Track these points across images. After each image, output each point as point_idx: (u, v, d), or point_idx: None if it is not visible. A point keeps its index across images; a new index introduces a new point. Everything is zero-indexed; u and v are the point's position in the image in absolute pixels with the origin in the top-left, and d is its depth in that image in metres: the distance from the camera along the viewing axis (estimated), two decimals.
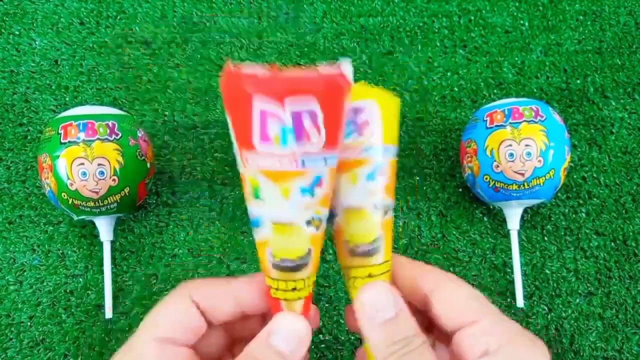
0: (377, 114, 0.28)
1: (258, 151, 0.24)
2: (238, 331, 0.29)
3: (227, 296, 0.27)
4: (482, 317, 0.25)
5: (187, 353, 0.25)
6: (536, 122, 0.42)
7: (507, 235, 0.47)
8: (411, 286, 0.28)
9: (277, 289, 0.26)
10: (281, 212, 0.25)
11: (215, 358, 0.29)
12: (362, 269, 0.28)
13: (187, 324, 0.26)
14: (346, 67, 0.23)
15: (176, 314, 0.26)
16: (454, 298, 0.27)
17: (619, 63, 0.52)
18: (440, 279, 0.27)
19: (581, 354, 0.45)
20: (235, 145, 0.25)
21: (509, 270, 0.47)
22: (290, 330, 0.25)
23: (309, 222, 0.26)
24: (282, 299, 0.26)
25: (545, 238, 0.48)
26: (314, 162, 0.24)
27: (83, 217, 0.43)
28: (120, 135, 0.42)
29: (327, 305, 0.46)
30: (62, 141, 0.41)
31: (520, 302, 0.45)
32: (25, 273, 0.46)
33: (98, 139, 0.41)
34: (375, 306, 0.26)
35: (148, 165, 0.44)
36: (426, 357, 0.25)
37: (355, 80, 0.27)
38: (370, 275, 0.27)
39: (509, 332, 0.25)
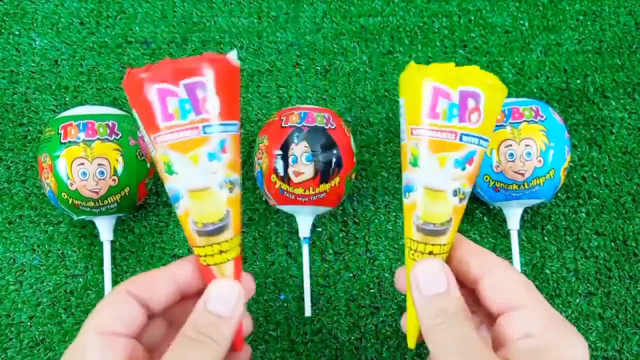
0: (484, 102, 0.29)
1: (163, 128, 0.28)
2: (178, 317, 0.30)
3: (163, 280, 0.29)
4: (528, 303, 0.27)
5: (129, 343, 0.27)
6: (536, 122, 0.42)
7: (507, 235, 0.47)
8: (465, 265, 0.30)
9: (205, 256, 0.29)
10: (194, 179, 0.29)
11: (159, 346, 0.30)
12: (425, 246, 0.31)
13: (126, 316, 0.27)
14: (231, 55, 0.29)
15: (115, 308, 0.27)
16: (505, 282, 0.28)
17: (619, 63, 0.52)
18: (494, 263, 0.29)
19: None
20: (145, 136, 0.29)
21: None
22: (224, 293, 0.27)
23: (221, 185, 0.29)
24: (213, 265, 0.29)
25: (545, 238, 0.48)
26: (214, 130, 0.28)
27: (83, 217, 0.43)
28: (120, 135, 0.42)
29: (327, 305, 0.46)
30: (62, 141, 0.41)
31: None
32: (25, 273, 0.46)
33: (98, 139, 0.41)
34: (429, 280, 0.28)
35: (148, 165, 0.44)
36: (469, 333, 0.26)
37: (364, 80, 0.52)
38: (431, 253, 0.30)
39: (552, 319, 0.26)
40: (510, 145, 0.42)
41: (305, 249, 0.44)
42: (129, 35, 0.53)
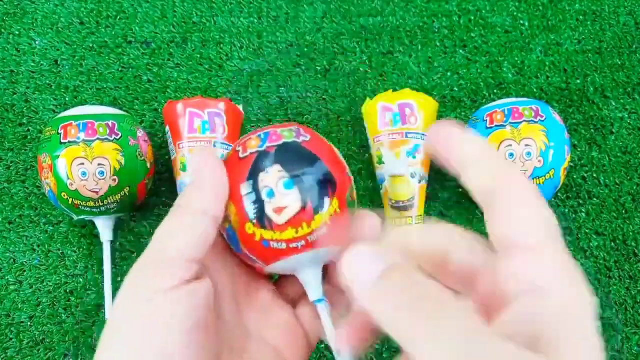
0: (417, 109, 0.44)
1: (187, 138, 0.43)
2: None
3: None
4: (545, 246, 0.19)
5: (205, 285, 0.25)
6: (536, 122, 0.42)
7: None
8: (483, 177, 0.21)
9: None
10: None
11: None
12: (400, 219, 0.44)
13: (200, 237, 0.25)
14: (239, 106, 0.46)
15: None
16: (524, 212, 0.20)
17: (619, 63, 0.52)
18: (518, 182, 0.20)
19: None
20: (172, 146, 0.45)
21: None
22: (194, 160, 0.26)
23: None
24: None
25: None
26: (219, 145, 0.43)
27: (83, 217, 0.43)
28: (120, 135, 0.42)
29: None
30: (62, 141, 0.41)
31: None
32: (25, 273, 0.46)
33: (98, 139, 0.41)
34: (360, 266, 0.20)
35: (148, 165, 0.44)
36: (448, 302, 0.18)
37: (364, 80, 0.53)
38: (406, 224, 0.36)
39: (569, 271, 0.19)
40: (510, 145, 0.42)
41: (322, 312, 0.29)
42: (129, 35, 0.53)
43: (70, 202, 0.41)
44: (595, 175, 0.49)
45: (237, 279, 0.29)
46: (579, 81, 0.52)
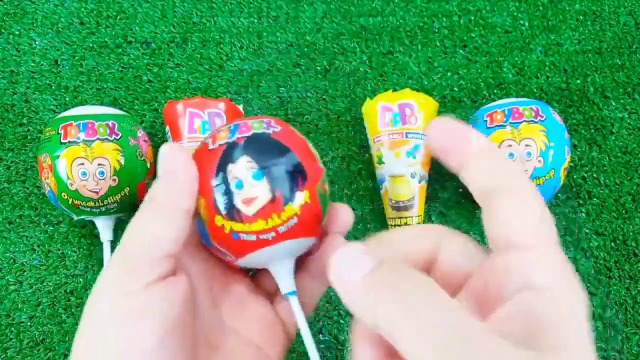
0: (417, 109, 0.44)
1: (187, 138, 0.44)
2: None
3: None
4: (542, 246, 0.19)
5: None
6: (536, 122, 0.42)
7: None
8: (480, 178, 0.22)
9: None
10: None
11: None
12: (400, 219, 0.44)
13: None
14: (239, 106, 0.46)
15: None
16: (523, 211, 0.20)
17: (619, 63, 0.52)
18: (517, 181, 0.21)
19: None
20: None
21: None
22: (163, 153, 0.25)
23: None
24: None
25: None
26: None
27: (83, 217, 0.43)
28: (120, 135, 0.42)
29: (327, 305, 0.46)
30: (62, 141, 0.41)
31: None
32: (25, 273, 0.46)
33: (98, 139, 0.41)
34: (348, 264, 0.19)
35: (148, 165, 0.44)
36: (438, 296, 0.18)
37: (364, 80, 0.52)
38: (406, 224, 0.38)
39: (565, 271, 0.19)
40: (510, 145, 0.42)
41: (295, 304, 0.29)
42: (129, 35, 0.53)
43: (70, 202, 0.41)
44: (595, 175, 0.49)
45: (212, 273, 0.28)
46: (579, 81, 0.52)
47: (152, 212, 0.24)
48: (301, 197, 0.26)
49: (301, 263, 0.30)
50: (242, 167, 0.26)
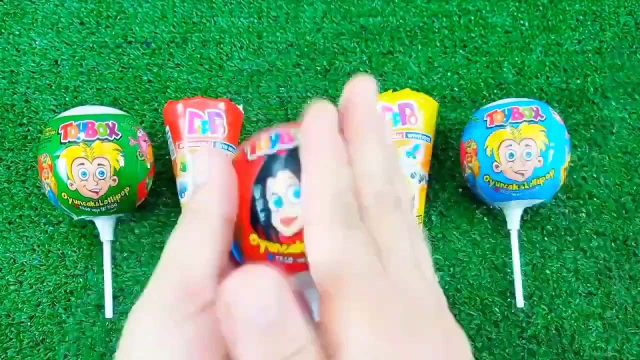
0: (417, 109, 0.44)
1: (187, 138, 0.44)
2: None
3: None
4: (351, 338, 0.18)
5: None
6: (536, 122, 0.42)
7: (507, 235, 0.47)
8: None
9: None
10: None
11: None
12: None
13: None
14: (239, 106, 0.47)
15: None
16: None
17: (619, 63, 0.52)
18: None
19: (581, 354, 0.45)
20: (172, 146, 0.45)
21: (509, 270, 0.47)
22: (197, 162, 0.23)
23: None
24: None
25: (545, 238, 0.48)
26: (219, 145, 0.44)
27: (83, 217, 0.43)
28: (120, 135, 0.42)
29: None
30: (62, 141, 0.41)
31: (520, 302, 0.45)
32: (25, 273, 0.46)
33: (98, 139, 0.41)
34: (250, 304, 0.17)
35: (148, 165, 0.44)
36: None
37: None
38: None
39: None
40: (510, 145, 0.42)
41: None
42: (129, 35, 0.53)
43: (70, 202, 0.41)
44: (595, 175, 0.49)
45: None
46: (579, 81, 0.52)
47: (197, 224, 0.22)
48: None
49: None
50: (283, 183, 0.23)
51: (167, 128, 0.45)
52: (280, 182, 0.23)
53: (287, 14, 0.54)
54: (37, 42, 0.53)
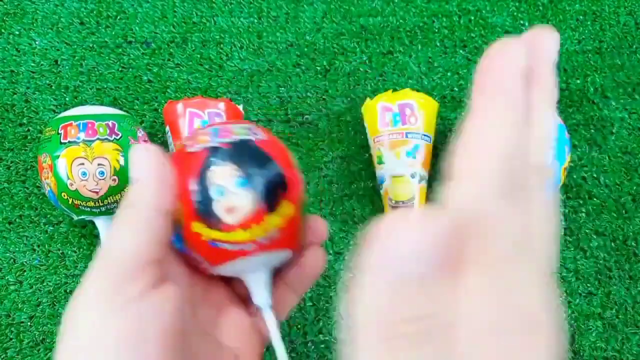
0: (417, 109, 0.44)
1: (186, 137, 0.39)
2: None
3: None
4: None
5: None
6: None
7: None
8: None
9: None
10: None
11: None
12: None
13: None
14: (239, 106, 0.46)
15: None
16: None
17: (619, 63, 0.52)
18: None
19: (581, 354, 0.45)
20: (172, 145, 0.45)
21: None
22: (136, 157, 0.24)
23: None
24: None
25: None
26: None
27: (83, 217, 0.43)
28: (120, 135, 0.42)
29: (327, 305, 0.46)
30: (62, 141, 0.41)
31: None
32: (25, 273, 0.46)
33: (98, 139, 0.41)
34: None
35: None
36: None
37: (364, 80, 0.52)
38: None
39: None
40: None
41: (268, 317, 0.28)
42: (129, 35, 0.53)
43: (70, 202, 0.41)
44: (595, 175, 0.49)
45: (192, 279, 0.27)
46: (579, 81, 0.52)
47: (133, 216, 0.23)
48: (283, 208, 0.25)
49: (277, 272, 0.29)
50: (226, 174, 0.24)
51: (167, 128, 0.45)
52: (223, 173, 0.24)
53: (287, 14, 0.54)
54: (37, 42, 0.53)
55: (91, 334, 0.21)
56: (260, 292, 0.27)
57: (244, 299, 0.30)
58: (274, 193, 0.25)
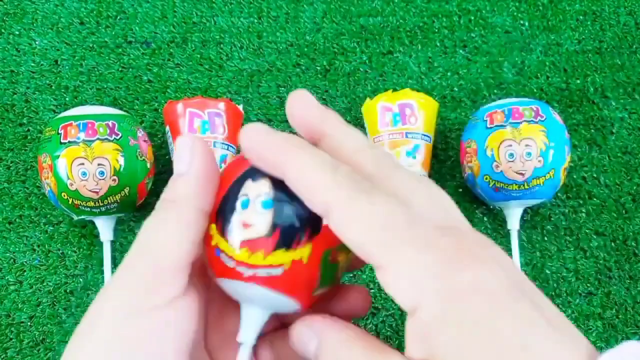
0: (417, 109, 0.44)
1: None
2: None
3: None
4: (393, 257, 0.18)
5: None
6: (536, 122, 0.42)
7: (507, 235, 0.47)
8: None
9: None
10: None
11: None
12: None
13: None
14: (239, 106, 0.46)
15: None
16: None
17: (619, 63, 0.52)
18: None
19: None
20: (172, 145, 0.46)
21: None
22: (179, 149, 0.22)
23: None
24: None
25: (545, 238, 0.48)
26: (219, 145, 0.44)
27: (83, 217, 0.43)
28: (120, 135, 0.42)
29: None
30: (62, 141, 0.41)
31: None
32: (25, 273, 0.46)
33: (98, 139, 0.41)
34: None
35: (148, 165, 0.44)
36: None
37: (364, 80, 0.52)
38: None
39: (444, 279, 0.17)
40: (510, 145, 0.42)
41: (241, 356, 0.25)
42: (129, 35, 0.53)
43: (70, 202, 0.41)
44: (595, 175, 0.49)
45: (212, 298, 0.25)
46: (579, 81, 0.52)
47: (174, 214, 0.21)
48: (299, 250, 0.22)
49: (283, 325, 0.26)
50: (257, 188, 0.23)
51: (167, 128, 0.45)
52: (255, 187, 0.23)
53: (287, 14, 0.54)
54: (37, 42, 0.53)
55: (102, 338, 0.19)
56: (246, 327, 0.24)
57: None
58: (297, 228, 0.22)
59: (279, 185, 0.22)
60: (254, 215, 0.22)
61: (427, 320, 0.17)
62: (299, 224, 0.22)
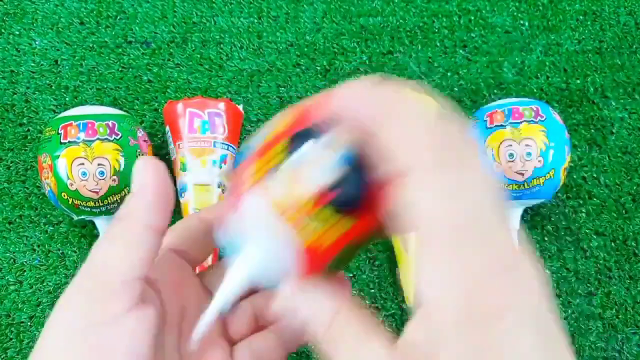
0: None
1: (187, 138, 0.44)
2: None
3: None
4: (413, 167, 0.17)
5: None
6: (536, 122, 0.42)
7: None
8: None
9: None
10: (200, 176, 0.44)
11: None
12: None
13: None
14: (239, 106, 0.47)
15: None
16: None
17: (619, 63, 0.52)
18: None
19: (581, 354, 0.45)
20: (172, 145, 0.45)
21: None
22: (136, 168, 0.23)
23: (218, 185, 0.44)
24: None
25: (545, 238, 0.48)
26: (219, 145, 0.44)
27: (83, 217, 0.43)
28: (120, 135, 0.42)
29: None
30: (62, 141, 0.41)
31: None
32: (25, 273, 0.46)
33: (98, 139, 0.41)
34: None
35: None
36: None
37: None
38: None
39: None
40: (510, 145, 0.42)
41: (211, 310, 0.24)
42: (129, 35, 0.53)
43: (70, 202, 0.41)
44: (595, 175, 0.49)
45: (187, 310, 0.25)
46: (579, 81, 0.52)
47: (122, 232, 0.21)
48: (344, 220, 0.21)
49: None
50: (331, 149, 0.21)
51: (167, 128, 0.45)
52: (316, 151, 0.21)
53: (287, 14, 0.54)
54: (37, 42, 0.53)
55: (53, 352, 0.20)
56: (224, 288, 0.22)
57: (230, 339, 0.26)
58: (347, 198, 0.20)
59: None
60: (314, 167, 0.20)
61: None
62: (352, 195, 0.20)
